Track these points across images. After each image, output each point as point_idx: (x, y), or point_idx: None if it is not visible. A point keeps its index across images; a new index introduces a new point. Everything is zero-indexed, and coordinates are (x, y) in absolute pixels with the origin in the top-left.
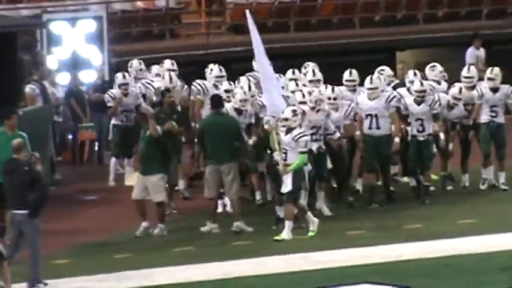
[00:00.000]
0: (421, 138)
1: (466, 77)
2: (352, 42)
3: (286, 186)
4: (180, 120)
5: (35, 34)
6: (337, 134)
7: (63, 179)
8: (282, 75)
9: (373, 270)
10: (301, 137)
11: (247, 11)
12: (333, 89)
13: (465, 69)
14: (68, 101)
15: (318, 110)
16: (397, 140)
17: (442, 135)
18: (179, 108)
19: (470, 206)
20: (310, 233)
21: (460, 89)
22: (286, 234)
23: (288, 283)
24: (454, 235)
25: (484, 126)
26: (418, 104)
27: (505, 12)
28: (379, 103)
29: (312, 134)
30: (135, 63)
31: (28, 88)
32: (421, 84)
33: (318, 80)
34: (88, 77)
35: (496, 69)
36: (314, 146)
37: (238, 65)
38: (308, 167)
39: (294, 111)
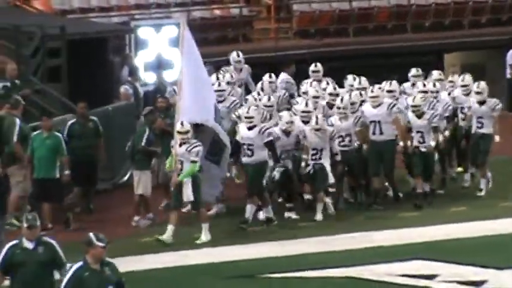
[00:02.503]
0: (422, 149)
1: (462, 86)
2: (404, 46)
3: (188, 197)
4: None
5: (124, 39)
6: (338, 157)
7: None
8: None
9: (422, 248)
10: (193, 147)
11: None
12: (342, 99)
13: (460, 78)
14: (155, 97)
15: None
16: (401, 143)
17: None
18: None
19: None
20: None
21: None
22: (204, 236)
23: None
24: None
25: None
26: (418, 117)
27: None
28: (381, 110)
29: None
30: (233, 54)
31: (123, 88)
32: (418, 98)
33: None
34: (171, 76)
35: (482, 84)
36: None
37: (304, 66)
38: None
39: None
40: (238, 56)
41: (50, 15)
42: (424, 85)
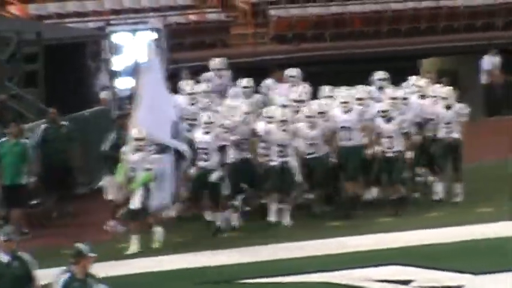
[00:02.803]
0: (390, 155)
1: (432, 96)
2: (381, 51)
3: (134, 204)
4: None
5: (101, 44)
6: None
7: None
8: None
9: (398, 254)
10: (149, 155)
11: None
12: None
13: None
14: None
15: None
16: (369, 151)
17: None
18: None
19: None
20: (156, 244)
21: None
22: (134, 247)
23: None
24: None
25: (439, 142)
26: (387, 121)
27: None
28: (351, 116)
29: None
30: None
31: (104, 94)
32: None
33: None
34: None
35: (449, 88)
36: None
37: (280, 69)
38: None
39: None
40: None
41: (26, 20)
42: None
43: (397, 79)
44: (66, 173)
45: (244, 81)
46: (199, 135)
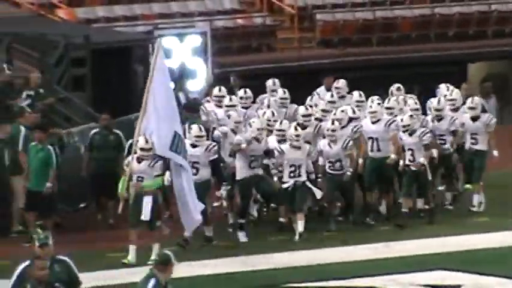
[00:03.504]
0: (413, 168)
1: (449, 100)
2: (428, 56)
3: (146, 215)
4: None
5: (148, 48)
6: (313, 176)
7: None
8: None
9: (445, 258)
10: (156, 162)
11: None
12: (332, 122)
13: (448, 92)
14: None
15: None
16: (392, 156)
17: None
18: None
19: None
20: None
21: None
22: (131, 257)
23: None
24: None
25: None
26: (409, 135)
27: None
28: (379, 127)
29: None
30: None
31: None
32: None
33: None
34: (194, 86)
35: (476, 99)
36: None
37: (327, 74)
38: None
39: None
40: (274, 84)
41: (74, 24)
42: (416, 103)
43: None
44: (109, 181)
45: (280, 92)
46: (188, 148)
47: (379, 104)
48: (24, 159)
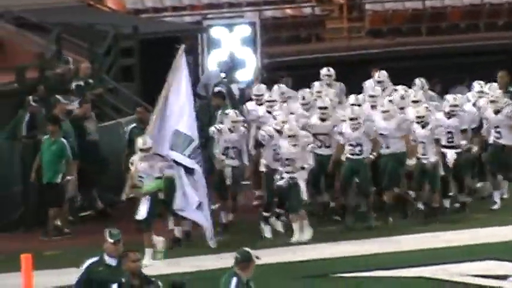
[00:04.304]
0: (424, 161)
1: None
2: (477, 45)
3: (141, 214)
4: None
5: (197, 38)
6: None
7: None
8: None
9: (495, 248)
10: (156, 163)
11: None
12: (352, 110)
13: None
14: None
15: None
16: (410, 162)
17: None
18: None
19: None
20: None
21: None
22: (147, 260)
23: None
24: None
25: (490, 147)
26: (422, 127)
27: None
28: (391, 125)
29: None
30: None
31: (217, 89)
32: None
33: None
34: (243, 76)
35: (497, 91)
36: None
37: (376, 65)
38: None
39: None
40: (329, 70)
41: (122, 15)
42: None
43: (493, 74)
44: None
45: (324, 70)
46: (226, 132)
47: (390, 101)
48: None
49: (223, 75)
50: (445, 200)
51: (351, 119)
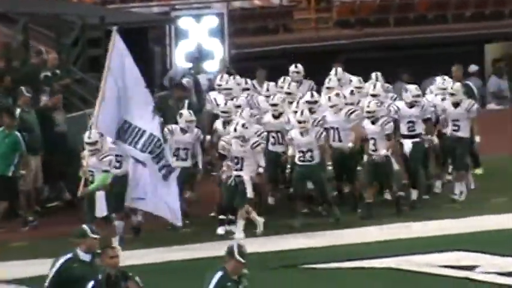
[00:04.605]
0: (375, 157)
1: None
2: (445, 36)
3: (101, 211)
4: None
5: (165, 29)
6: (260, 170)
7: None
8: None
9: (462, 239)
10: (105, 157)
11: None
12: (302, 112)
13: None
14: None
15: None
16: (349, 144)
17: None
18: None
19: None
20: None
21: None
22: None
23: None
24: None
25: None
26: (372, 122)
27: None
28: (339, 117)
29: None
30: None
31: (184, 80)
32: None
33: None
34: (211, 67)
35: (457, 85)
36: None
37: (343, 55)
38: None
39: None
40: (297, 67)
41: (89, 5)
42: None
43: (463, 64)
44: None
45: (292, 67)
46: (178, 133)
47: (337, 94)
48: None
49: (190, 65)
50: (413, 191)
51: (299, 122)
